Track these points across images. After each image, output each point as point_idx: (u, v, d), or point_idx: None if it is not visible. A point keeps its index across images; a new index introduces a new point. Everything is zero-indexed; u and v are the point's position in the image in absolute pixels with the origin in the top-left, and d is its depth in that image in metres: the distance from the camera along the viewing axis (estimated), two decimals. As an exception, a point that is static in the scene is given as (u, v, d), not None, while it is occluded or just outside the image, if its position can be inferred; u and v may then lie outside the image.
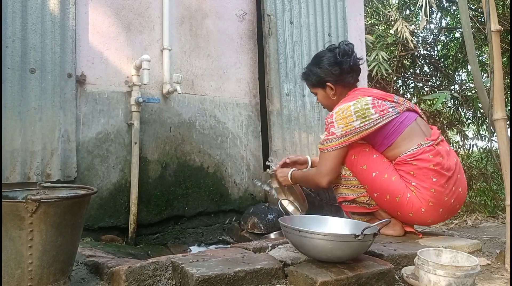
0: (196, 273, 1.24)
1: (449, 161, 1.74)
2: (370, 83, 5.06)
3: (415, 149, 1.73)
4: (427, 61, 6.19)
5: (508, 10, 4.98)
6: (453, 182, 1.73)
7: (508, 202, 1.52)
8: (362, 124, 1.73)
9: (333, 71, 1.90)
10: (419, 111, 1.91)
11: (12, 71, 2.02)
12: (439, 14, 5.97)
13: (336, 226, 1.57)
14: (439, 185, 1.70)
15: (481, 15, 5.18)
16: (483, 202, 4.79)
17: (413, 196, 1.72)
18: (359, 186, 1.84)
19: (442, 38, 6.34)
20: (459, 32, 5.90)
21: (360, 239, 1.27)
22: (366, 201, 1.86)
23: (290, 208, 2.19)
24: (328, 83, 1.92)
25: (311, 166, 2.25)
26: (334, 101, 1.95)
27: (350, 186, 1.87)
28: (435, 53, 6.31)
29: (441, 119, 6.01)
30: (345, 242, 1.30)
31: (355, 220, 1.74)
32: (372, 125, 1.73)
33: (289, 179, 2.11)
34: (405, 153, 1.75)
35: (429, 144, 1.74)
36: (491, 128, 1.65)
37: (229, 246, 1.90)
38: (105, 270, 1.44)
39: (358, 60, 1.93)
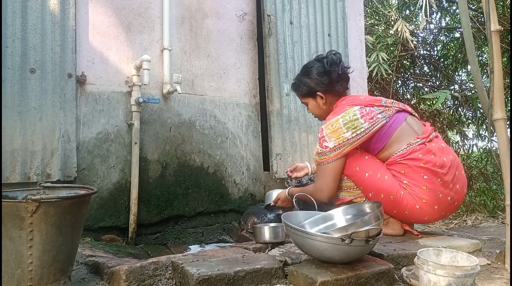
0: (196, 273, 1.24)
1: (442, 158, 1.74)
2: (370, 83, 5.06)
3: (405, 149, 1.75)
4: (427, 61, 6.18)
5: (508, 10, 4.98)
6: (449, 179, 1.73)
7: (508, 202, 1.52)
8: (354, 134, 1.75)
9: (322, 81, 1.93)
10: (409, 109, 1.93)
11: (12, 71, 2.02)
12: (439, 14, 5.97)
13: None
14: (431, 182, 1.71)
15: (481, 15, 5.18)
16: (483, 202, 4.78)
17: (406, 194, 1.74)
18: (355, 187, 1.87)
19: (442, 38, 6.33)
20: (459, 32, 5.89)
21: (348, 243, 1.26)
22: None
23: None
24: (318, 93, 1.95)
25: (312, 172, 2.28)
26: (324, 110, 1.98)
27: (346, 188, 1.89)
28: (435, 53, 6.30)
29: (441, 119, 6.01)
30: (347, 245, 1.29)
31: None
32: (364, 134, 1.75)
33: (288, 197, 2.10)
34: (395, 154, 1.77)
35: (419, 142, 1.75)
36: (491, 128, 1.65)
37: (229, 245, 1.90)
38: (105, 270, 1.44)
39: (346, 69, 1.96)
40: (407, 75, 6.24)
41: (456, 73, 6.24)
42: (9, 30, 2.02)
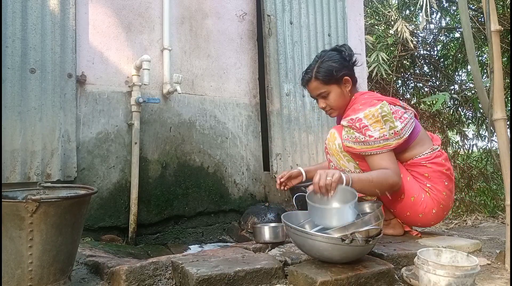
0: (196, 273, 1.24)
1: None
2: (370, 83, 5.06)
3: (429, 153, 1.76)
4: (427, 61, 6.18)
5: (508, 10, 4.98)
6: (454, 186, 1.81)
7: (508, 202, 1.52)
8: (392, 131, 1.63)
9: (347, 63, 1.77)
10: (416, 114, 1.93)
11: (12, 71, 2.02)
12: (439, 14, 5.97)
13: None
14: (449, 189, 1.75)
15: (481, 15, 5.18)
16: (483, 202, 4.78)
17: (427, 197, 1.74)
18: None
19: (442, 38, 6.33)
20: (459, 32, 5.89)
21: (348, 242, 1.26)
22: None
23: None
24: (346, 77, 1.76)
25: (306, 178, 1.92)
26: (347, 100, 1.80)
27: None
28: (435, 53, 6.30)
29: (441, 119, 6.00)
30: (348, 246, 1.29)
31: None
32: (403, 134, 1.66)
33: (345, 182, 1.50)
34: (419, 156, 1.75)
35: (438, 149, 1.79)
36: (491, 128, 1.65)
37: (229, 245, 1.89)
38: (105, 270, 1.44)
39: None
40: (407, 75, 6.23)
41: (456, 73, 6.24)
42: (9, 30, 2.02)
